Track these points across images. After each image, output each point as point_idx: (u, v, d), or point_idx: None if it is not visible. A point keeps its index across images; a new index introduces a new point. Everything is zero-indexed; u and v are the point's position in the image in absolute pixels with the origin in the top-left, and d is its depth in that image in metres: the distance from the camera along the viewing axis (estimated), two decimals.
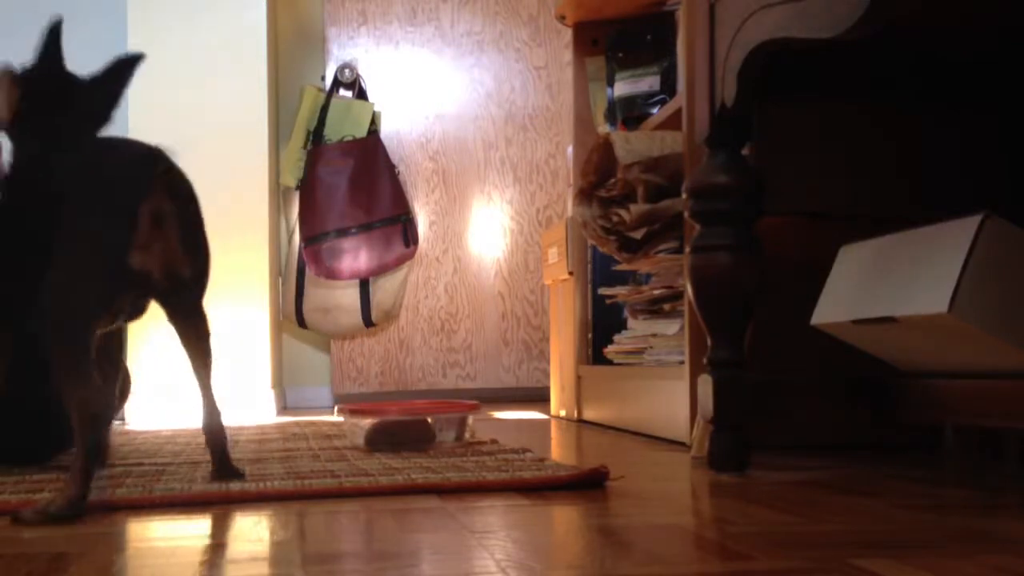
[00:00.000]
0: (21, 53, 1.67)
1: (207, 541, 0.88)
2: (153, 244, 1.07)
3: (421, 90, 3.60)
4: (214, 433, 1.24)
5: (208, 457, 1.35)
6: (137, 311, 1.18)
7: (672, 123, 1.95)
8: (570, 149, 2.59)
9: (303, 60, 3.59)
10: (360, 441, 1.63)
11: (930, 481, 1.23)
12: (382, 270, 3.32)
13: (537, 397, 3.48)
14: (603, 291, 2.22)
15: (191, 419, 2.77)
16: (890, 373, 1.41)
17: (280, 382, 3.34)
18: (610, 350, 2.18)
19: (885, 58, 1.45)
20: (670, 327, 1.86)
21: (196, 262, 1.13)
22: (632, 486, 1.19)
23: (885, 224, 1.36)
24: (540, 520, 0.97)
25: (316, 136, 3.31)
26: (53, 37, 1.24)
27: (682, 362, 1.72)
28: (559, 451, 1.67)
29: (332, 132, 3.32)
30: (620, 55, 2.31)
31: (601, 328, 2.35)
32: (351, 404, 1.76)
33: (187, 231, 1.11)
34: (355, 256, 3.28)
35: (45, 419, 1.47)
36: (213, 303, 1.25)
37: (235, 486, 1.16)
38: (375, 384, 3.46)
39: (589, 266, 2.39)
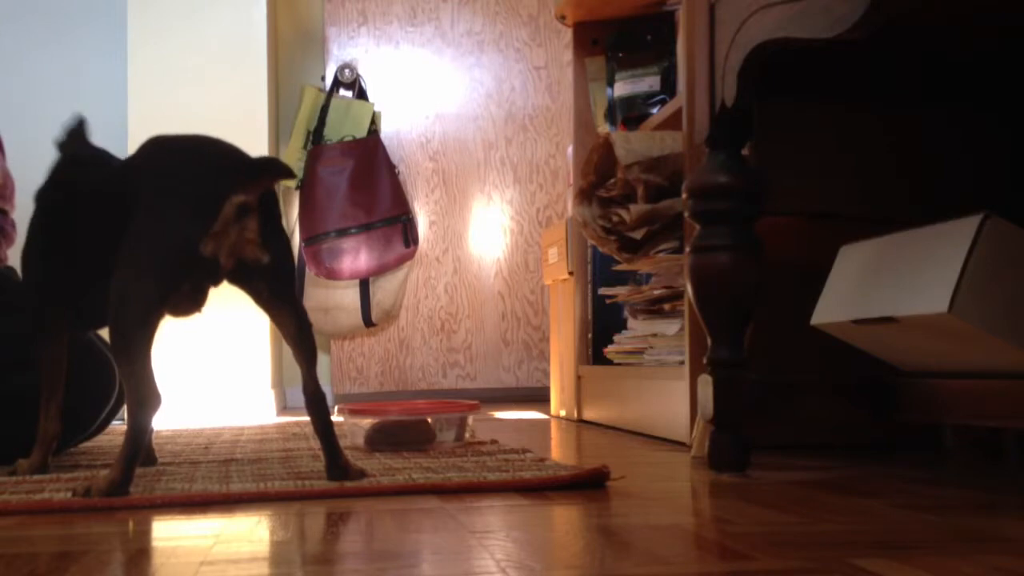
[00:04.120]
0: (20, 43, 1.66)
1: (207, 541, 0.88)
2: (229, 233, 1.13)
3: (421, 90, 3.60)
4: (321, 424, 1.23)
5: (207, 458, 1.35)
6: (196, 301, 1.22)
7: (672, 123, 1.95)
8: (570, 149, 2.59)
9: (303, 60, 3.59)
10: (360, 441, 1.63)
11: (930, 481, 1.23)
12: (382, 270, 3.32)
13: (537, 397, 3.49)
14: (603, 291, 2.22)
15: (190, 419, 2.77)
16: (890, 373, 1.41)
17: (280, 382, 3.34)
18: (610, 350, 2.18)
19: (885, 58, 1.45)
20: (670, 327, 1.86)
21: (275, 250, 1.18)
22: (632, 486, 1.19)
23: (885, 224, 1.36)
24: (540, 520, 0.97)
25: (316, 136, 3.31)
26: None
27: (682, 362, 1.72)
28: (559, 451, 1.67)
29: (332, 132, 3.32)
30: (620, 55, 2.31)
31: (601, 328, 2.35)
32: (351, 404, 1.76)
33: (266, 223, 1.17)
34: (355, 256, 3.28)
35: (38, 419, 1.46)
36: (213, 303, 1.26)
37: (235, 486, 1.16)
38: (375, 384, 3.46)
39: (589, 266, 2.39)
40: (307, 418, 2.48)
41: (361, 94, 3.42)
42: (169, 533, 0.94)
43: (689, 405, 1.64)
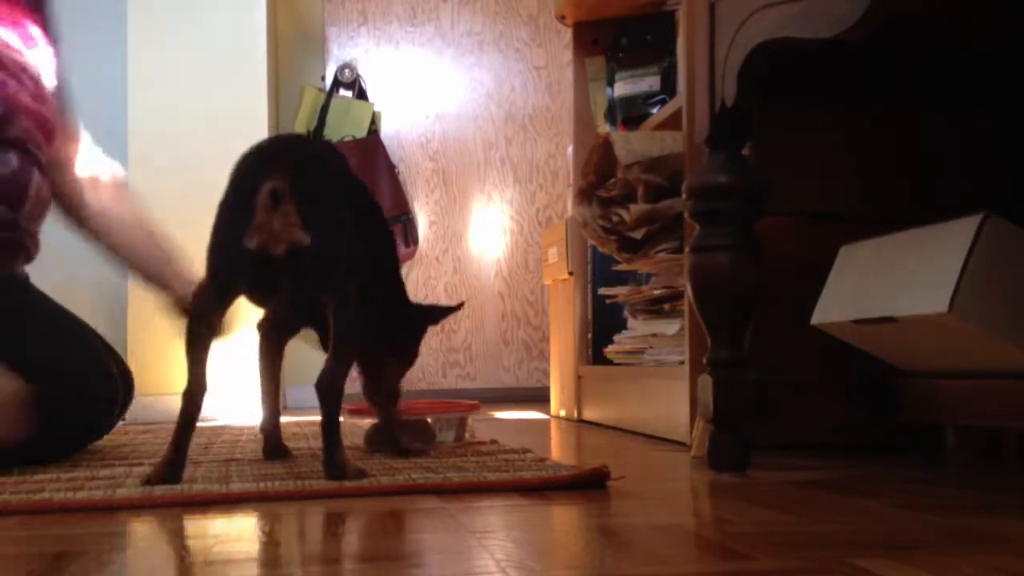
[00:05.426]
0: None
1: (207, 541, 0.88)
2: (271, 223, 1.15)
3: (421, 90, 3.60)
4: (325, 417, 1.22)
5: (207, 458, 1.35)
6: (271, 291, 1.25)
7: (672, 123, 1.95)
8: (570, 149, 2.59)
9: (303, 60, 3.59)
10: (360, 441, 1.63)
11: (930, 481, 1.23)
12: None
13: (537, 397, 3.49)
14: (603, 291, 2.22)
15: None
16: (890, 373, 1.41)
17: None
18: (610, 350, 2.18)
19: (885, 58, 1.45)
20: (670, 327, 1.85)
21: (316, 232, 1.18)
22: (632, 486, 1.18)
23: (885, 224, 1.36)
24: (540, 520, 0.97)
25: (316, 136, 3.31)
26: None
27: (682, 362, 1.72)
28: (559, 451, 1.67)
29: (332, 132, 3.32)
30: (620, 55, 2.31)
31: (601, 328, 2.35)
32: (351, 404, 1.76)
33: (306, 205, 1.17)
34: None
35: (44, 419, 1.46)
36: None
37: (235, 486, 1.16)
38: None
39: (589, 266, 2.39)
40: (308, 418, 2.47)
41: (361, 94, 3.42)
42: (169, 533, 0.94)
43: (689, 405, 1.64)
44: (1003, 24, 1.30)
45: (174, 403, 1.26)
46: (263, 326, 1.46)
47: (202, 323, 1.21)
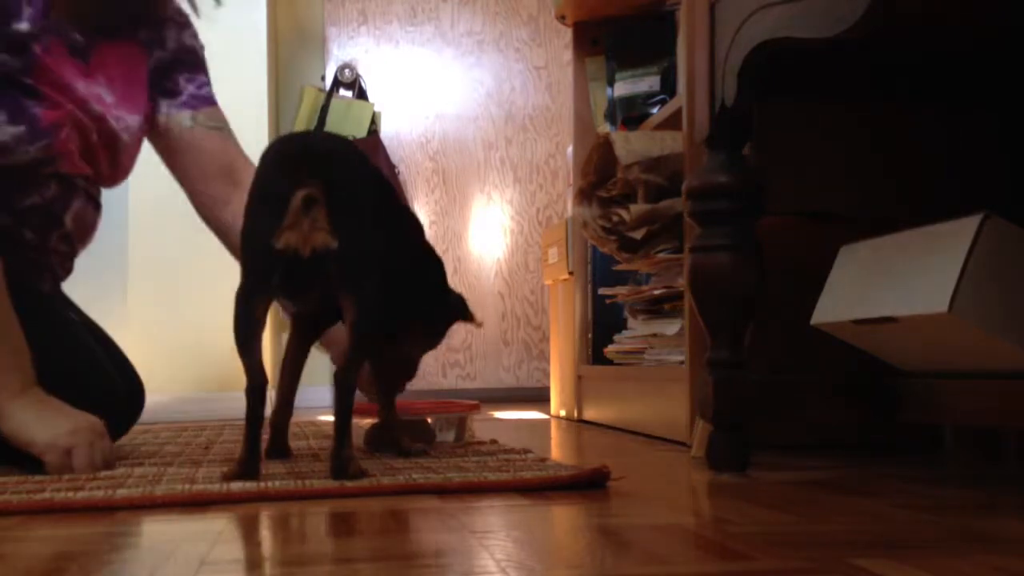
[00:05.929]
0: None
1: (207, 541, 0.88)
2: (301, 224, 1.17)
3: (421, 90, 3.60)
4: (336, 411, 1.24)
5: (207, 458, 1.34)
6: (302, 293, 1.27)
7: (672, 123, 1.95)
8: (570, 149, 2.59)
9: (303, 60, 3.59)
10: (360, 441, 1.63)
11: (930, 481, 1.23)
12: None
13: (537, 397, 3.49)
14: (603, 291, 2.22)
15: (191, 419, 2.77)
16: (890, 373, 1.41)
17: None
18: (610, 350, 2.18)
19: (885, 58, 1.45)
20: (670, 327, 1.86)
21: (344, 235, 1.19)
22: (632, 486, 1.18)
23: (885, 224, 1.36)
24: (540, 520, 0.97)
25: None
26: None
27: (682, 362, 1.72)
28: (559, 451, 1.67)
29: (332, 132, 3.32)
30: (620, 55, 2.31)
31: (601, 328, 2.35)
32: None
33: (337, 210, 1.19)
34: None
35: None
36: (211, 302, 1.28)
37: (236, 486, 1.16)
38: None
39: (589, 266, 2.39)
40: (306, 418, 2.47)
41: (361, 94, 3.42)
42: (169, 533, 0.94)
43: (689, 405, 1.64)
44: (1003, 24, 1.30)
45: (173, 404, 1.26)
46: (295, 322, 1.48)
47: (245, 321, 1.23)
